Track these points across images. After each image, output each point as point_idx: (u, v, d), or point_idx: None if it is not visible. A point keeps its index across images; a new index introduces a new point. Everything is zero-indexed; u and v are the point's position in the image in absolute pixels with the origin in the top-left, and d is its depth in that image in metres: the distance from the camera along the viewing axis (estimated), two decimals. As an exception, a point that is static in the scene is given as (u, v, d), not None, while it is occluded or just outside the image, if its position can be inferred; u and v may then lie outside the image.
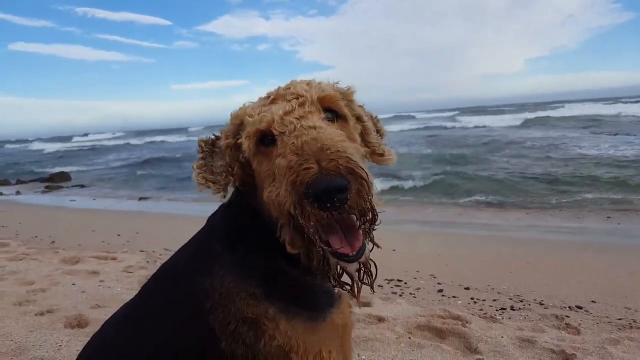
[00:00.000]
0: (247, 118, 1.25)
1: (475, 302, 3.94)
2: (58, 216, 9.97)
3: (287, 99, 1.22)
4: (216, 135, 1.37)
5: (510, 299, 4.01)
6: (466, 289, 4.31)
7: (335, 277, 1.20)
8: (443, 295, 4.15)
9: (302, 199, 0.98)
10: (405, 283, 4.53)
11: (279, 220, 1.17)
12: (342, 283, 1.23)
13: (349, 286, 1.23)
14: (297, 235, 1.13)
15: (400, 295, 4.15)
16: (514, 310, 3.72)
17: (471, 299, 4.03)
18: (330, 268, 1.15)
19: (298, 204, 1.00)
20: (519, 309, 3.74)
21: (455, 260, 5.38)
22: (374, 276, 1.22)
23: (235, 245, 1.28)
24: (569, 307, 3.77)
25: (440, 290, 4.28)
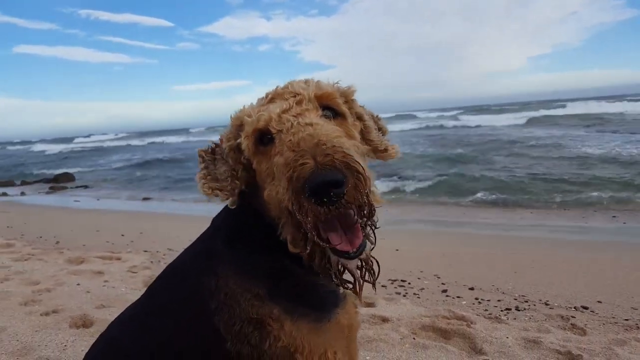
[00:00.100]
0: (246, 118, 1.25)
1: (479, 303, 3.92)
2: (62, 217, 10.02)
3: (285, 98, 1.22)
4: (215, 143, 1.37)
5: (515, 299, 3.99)
6: (470, 289, 4.29)
7: (337, 275, 1.19)
8: (447, 296, 4.13)
9: (299, 194, 0.98)
10: (409, 283, 4.51)
11: (281, 219, 1.16)
12: (344, 281, 1.22)
13: (350, 284, 1.23)
14: (299, 234, 1.12)
15: (404, 296, 4.13)
16: (519, 310, 3.70)
17: (476, 299, 4.01)
18: (331, 266, 1.15)
19: (295, 199, 0.99)
20: (524, 309, 3.72)
21: (459, 260, 5.35)
22: (377, 274, 1.21)
23: (237, 245, 1.28)
24: (574, 308, 3.74)
25: (444, 291, 4.26)
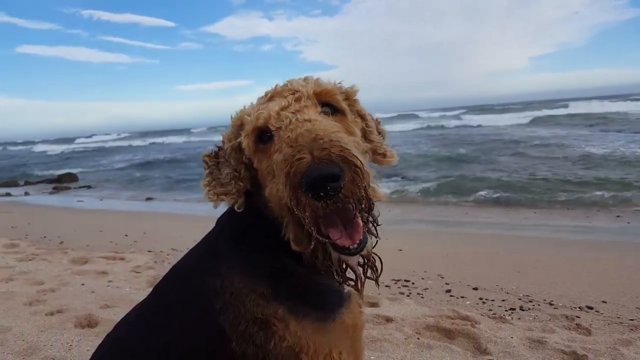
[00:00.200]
0: (246, 117, 1.25)
1: (484, 303, 3.91)
2: (66, 217, 10.05)
3: (284, 96, 1.22)
4: (218, 146, 1.37)
5: (519, 299, 3.98)
6: (474, 289, 4.28)
7: (339, 272, 1.17)
8: (451, 296, 4.12)
9: (296, 189, 0.98)
10: (412, 283, 4.51)
11: (284, 217, 1.15)
12: (346, 278, 1.21)
13: (352, 282, 1.22)
14: (301, 232, 1.11)
15: (408, 296, 4.13)
16: (524, 310, 3.69)
17: (480, 299, 4.00)
18: (332, 263, 1.14)
19: (293, 195, 0.99)
20: (529, 309, 3.71)
21: (462, 260, 5.34)
22: (379, 271, 1.20)
23: (240, 245, 1.28)
24: (579, 308, 3.73)
25: (448, 291, 4.25)
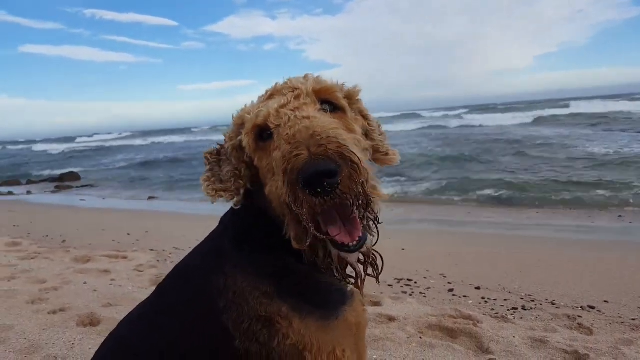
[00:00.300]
0: (246, 116, 1.25)
1: (486, 302, 3.91)
2: (68, 215, 10.07)
3: (284, 94, 1.22)
4: (220, 144, 1.38)
5: (521, 298, 3.98)
6: (477, 288, 4.28)
7: (339, 270, 1.18)
8: (454, 295, 4.12)
9: (294, 185, 0.98)
10: (415, 282, 4.51)
11: (285, 216, 1.15)
12: (347, 276, 1.22)
13: (353, 279, 1.22)
14: (301, 229, 1.10)
15: (410, 295, 4.13)
16: (526, 310, 3.68)
17: (482, 298, 4.00)
18: (332, 260, 1.14)
19: (291, 191, 0.99)
20: (531, 308, 3.71)
21: (465, 260, 5.34)
22: (380, 269, 1.21)
23: (242, 245, 1.28)
24: (581, 307, 3.73)
25: (450, 290, 4.25)
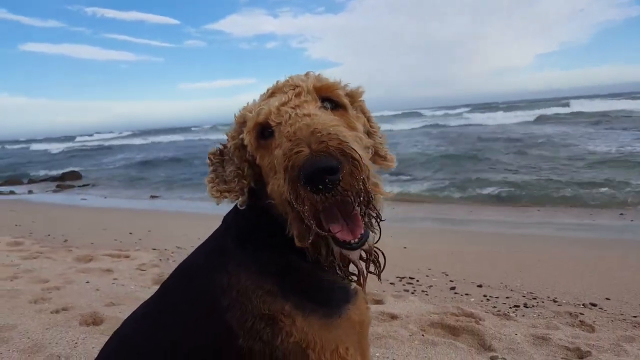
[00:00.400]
0: (248, 114, 1.26)
1: (488, 300, 3.92)
2: (70, 215, 10.08)
3: (285, 91, 1.23)
4: (223, 144, 1.38)
5: (523, 296, 3.98)
6: (479, 286, 4.29)
7: (341, 267, 1.18)
8: (456, 293, 4.13)
9: (295, 183, 0.98)
10: (417, 280, 4.51)
11: (287, 214, 1.15)
12: (349, 273, 1.22)
13: (355, 276, 1.22)
14: (303, 227, 1.11)
15: (412, 293, 4.13)
16: (528, 307, 3.69)
17: (484, 296, 4.00)
18: (334, 258, 1.14)
19: (292, 189, 0.99)
20: (533, 306, 3.72)
21: (467, 258, 5.34)
22: (382, 266, 1.21)
23: (245, 244, 1.28)
24: (582, 305, 3.73)
25: (452, 288, 4.26)
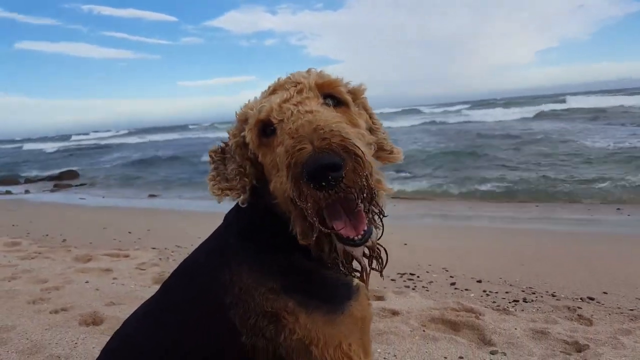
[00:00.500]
0: (249, 112, 1.25)
1: (488, 295, 3.93)
2: (68, 214, 10.03)
3: (286, 88, 1.22)
4: (225, 142, 1.37)
5: (522, 291, 4.00)
6: (478, 281, 4.30)
7: (344, 264, 1.18)
8: (456, 289, 4.14)
9: (298, 180, 0.98)
10: (417, 276, 4.53)
11: (290, 212, 1.15)
12: (352, 270, 1.22)
13: (358, 273, 1.23)
14: (306, 225, 1.10)
15: (413, 289, 4.15)
16: (527, 302, 3.71)
17: (484, 291, 4.02)
18: (338, 254, 1.14)
19: (295, 186, 0.99)
20: (532, 301, 3.73)
21: (466, 254, 5.36)
22: (384, 262, 1.21)
23: (247, 242, 1.28)
24: (580, 299, 3.75)
25: (452, 284, 4.27)
